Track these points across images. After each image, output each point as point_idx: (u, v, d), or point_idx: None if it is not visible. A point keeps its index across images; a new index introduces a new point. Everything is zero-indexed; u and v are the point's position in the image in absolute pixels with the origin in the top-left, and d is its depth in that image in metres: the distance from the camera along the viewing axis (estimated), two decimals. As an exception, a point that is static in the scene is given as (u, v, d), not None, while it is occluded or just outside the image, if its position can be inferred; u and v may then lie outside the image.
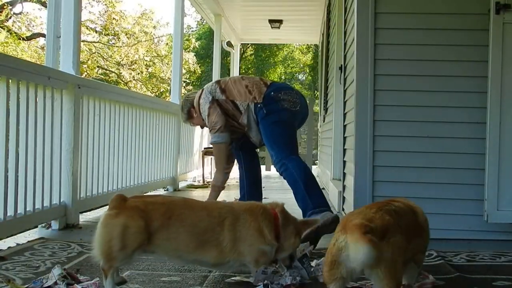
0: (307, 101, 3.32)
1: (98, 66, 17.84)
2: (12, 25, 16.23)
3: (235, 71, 10.10)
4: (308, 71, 25.61)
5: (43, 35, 15.47)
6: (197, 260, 1.92)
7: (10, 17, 16.11)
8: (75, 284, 1.91)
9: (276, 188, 6.01)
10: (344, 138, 3.85)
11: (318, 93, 12.97)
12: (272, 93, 3.05)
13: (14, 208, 2.65)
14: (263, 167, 8.71)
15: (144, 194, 4.64)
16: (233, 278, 2.07)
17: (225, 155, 3.22)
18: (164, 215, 1.84)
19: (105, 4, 17.12)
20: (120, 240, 1.76)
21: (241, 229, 1.88)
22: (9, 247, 2.55)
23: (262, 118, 3.04)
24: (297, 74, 27.06)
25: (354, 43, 3.18)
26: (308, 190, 2.80)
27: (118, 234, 1.77)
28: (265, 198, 3.45)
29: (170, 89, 8.52)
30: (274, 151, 2.97)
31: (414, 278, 1.90)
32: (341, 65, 4.16)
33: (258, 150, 3.56)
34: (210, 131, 3.24)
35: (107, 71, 18.33)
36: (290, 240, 1.96)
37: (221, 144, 3.17)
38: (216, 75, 8.48)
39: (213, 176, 7.23)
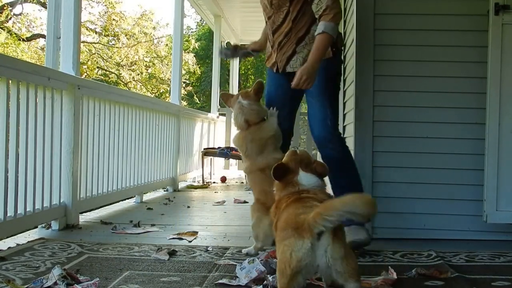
0: None
1: (98, 67, 17.85)
2: (12, 26, 16.23)
3: (234, 72, 10.11)
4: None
5: (43, 36, 15.47)
6: None
7: (10, 18, 16.11)
8: (75, 284, 1.92)
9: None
10: (344, 138, 3.85)
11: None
12: None
13: (14, 208, 2.65)
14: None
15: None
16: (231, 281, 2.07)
17: None
18: None
19: (105, 5, 17.13)
20: None
21: None
22: (9, 247, 2.55)
23: None
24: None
25: (354, 43, 3.19)
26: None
27: None
28: None
29: (169, 90, 8.53)
30: None
31: None
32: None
33: None
34: None
35: (107, 72, 18.33)
36: None
37: None
38: (216, 76, 8.49)
39: (212, 176, 7.22)
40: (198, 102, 21.84)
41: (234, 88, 9.98)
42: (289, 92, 2.67)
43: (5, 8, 15.54)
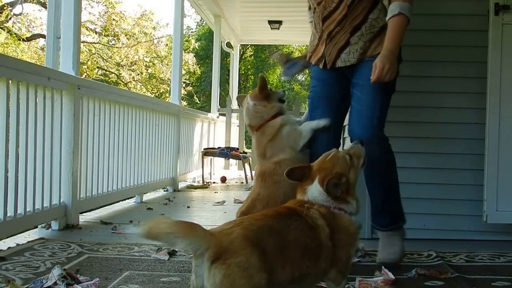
0: None
1: (98, 67, 17.86)
2: (12, 26, 16.24)
3: (234, 72, 10.12)
4: (307, 71, 25.59)
5: (43, 36, 15.47)
6: None
7: (10, 18, 16.12)
8: (75, 285, 1.92)
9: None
10: (343, 139, 3.85)
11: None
12: None
13: (14, 208, 2.65)
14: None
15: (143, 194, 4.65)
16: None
17: None
18: None
19: (105, 5, 17.13)
20: None
21: None
22: (9, 248, 2.55)
23: None
24: (296, 75, 27.07)
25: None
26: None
27: None
28: None
29: (169, 90, 8.53)
30: None
31: None
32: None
33: None
34: None
35: (107, 72, 18.34)
36: None
37: None
38: (216, 76, 8.49)
39: (212, 176, 7.22)
40: (198, 102, 21.85)
41: (234, 88, 9.99)
42: (341, 92, 2.38)
43: (5, 8, 15.54)
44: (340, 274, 1.58)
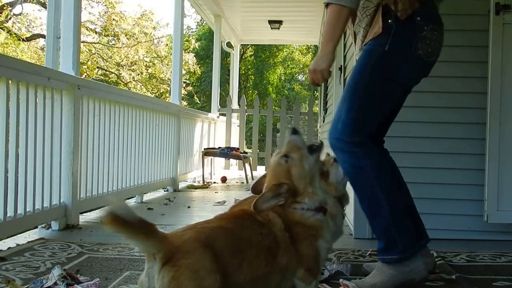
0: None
1: (98, 67, 17.85)
2: (12, 26, 16.23)
3: (235, 72, 10.11)
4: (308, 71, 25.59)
5: (43, 36, 15.47)
6: None
7: (10, 18, 16.11)
8: (75, 285, 1.91)
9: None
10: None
11: (317, 93, 12.98)
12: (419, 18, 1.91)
13: (14, 208, 2.65)
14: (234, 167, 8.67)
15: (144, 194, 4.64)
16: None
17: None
18: None
19: (105, 5, 17.12)
20: None
21: None
22: (9, 248, 2.55)
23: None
24: (296, 75, 27.07)
25: (353, 45, 3.18)
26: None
27: None
28: None
29: (170, 90, 8.53)
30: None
31: None
32: (341, 65, 4.16)
33: None
34: None
35: (107, 72, 18.33)
36: None
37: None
38: (216, 76, 8.48)
39: (213, 176, 7.23)
40: (198, 102, 21.85)
41: (234, 88, 9.98)
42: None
43: (5, 8, 15.54)
44: (308, 272, 1.52)
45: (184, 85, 18.03)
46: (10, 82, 2.59)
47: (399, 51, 1.92)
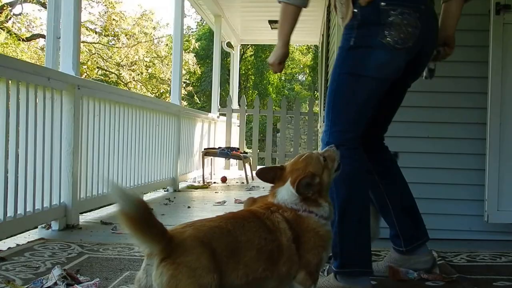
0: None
1: (98, 67, 17.86)
2: (12, 26, 16.25)
3: (235, 72, 10.11)
4: (308, 71, 25.63)
5: (43, 36, 15.47)
6: None
7: (10, 18, 16.12)
8: (75, 285, 1.91)
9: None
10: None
11: (318, 93, 12.98)
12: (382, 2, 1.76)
13: (14, 208, 2.65)
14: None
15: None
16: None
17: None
18: None
19: (105, 5, 17.13)
20: None
21: None
22: (9, 248, 2.54)
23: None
24: (297, 75, 27.09)
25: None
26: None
27: None
28: None
29: (170, 90, 8.53)
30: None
31: None
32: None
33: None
34: None
35: (107, 72, 18.34)
36: None
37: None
38: (216, 76, 8.48)
39: (213, 177, 7.22)
40: (199, 102, 21.86)
41: (234, 88, 9.98)
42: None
43: (5, 8, 15.55)
44: (309, 276, 1.52)
45: (184, 85, 18.04)
46: (10, 82, 2.59)
47: (366, 42, 1.79)
